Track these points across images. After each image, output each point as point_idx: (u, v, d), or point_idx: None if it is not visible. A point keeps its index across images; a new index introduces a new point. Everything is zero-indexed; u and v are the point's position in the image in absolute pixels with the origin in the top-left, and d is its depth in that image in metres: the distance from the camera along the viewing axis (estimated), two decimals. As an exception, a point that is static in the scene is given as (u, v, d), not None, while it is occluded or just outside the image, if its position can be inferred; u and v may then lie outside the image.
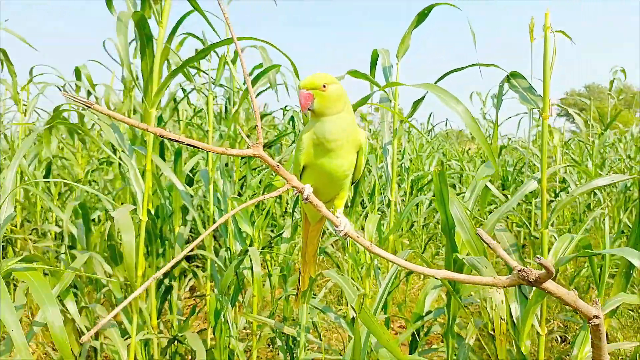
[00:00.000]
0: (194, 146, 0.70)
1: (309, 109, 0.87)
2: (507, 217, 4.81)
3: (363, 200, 4.43)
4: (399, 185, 4.60)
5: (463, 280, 0.82)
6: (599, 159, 5.44)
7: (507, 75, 1.76)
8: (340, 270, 2.42)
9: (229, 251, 2.13)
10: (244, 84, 2.57)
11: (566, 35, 1.81)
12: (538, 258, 0.73)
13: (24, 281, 1.19)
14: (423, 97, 2.41)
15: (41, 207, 3.28)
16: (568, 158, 5.58)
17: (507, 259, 0.82)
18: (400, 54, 2.48)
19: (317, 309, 1.96)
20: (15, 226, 3.23)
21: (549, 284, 0.79)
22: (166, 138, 0.67)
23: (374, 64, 2.63)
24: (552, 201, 4.07)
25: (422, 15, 2.42)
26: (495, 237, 1.82)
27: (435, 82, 2.26)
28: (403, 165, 4.86)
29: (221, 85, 2.70)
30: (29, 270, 1.23)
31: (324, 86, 0.86)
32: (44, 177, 3.50)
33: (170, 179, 2.20)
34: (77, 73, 3.58)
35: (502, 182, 5.02)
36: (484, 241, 0.84)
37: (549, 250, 1.58)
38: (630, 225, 3.49)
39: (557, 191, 4.53)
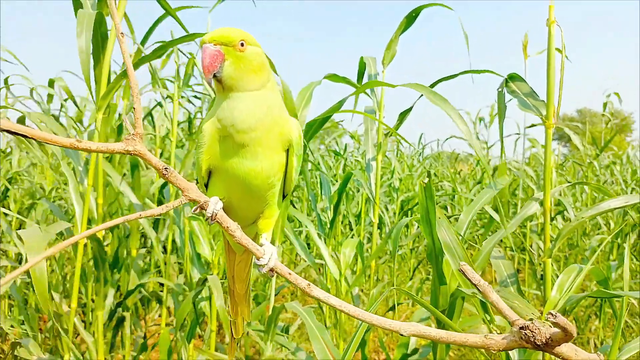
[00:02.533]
0: (31, 137, 0.45)
1: (214, 76, 0.59)
2: (501, 240, 4.57)
3: (350, 222, 4.17)
4: (386, 208, 4.34)
5: (439, 339, 0.57)
6: (595, 181, 5.24)
7: (506, 79, 1.53)
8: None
9: (186, 278, 1.87)
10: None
11: (560, 51, 1.60)
12: (553, 316, 0.48)
13: None
14: (410, 108, 2.18)
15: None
16: (563, 180, 5.36)
17: (503, 308, 0.57)
18: (386, 61, 2.26)
19: (287, 348, 1.69)
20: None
21: (565, 349, 0.54)
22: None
23: (361, 74, 2.41)
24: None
25: (410, 19, 2.21)
26: (490, 265, 1.57)
27: (435, 84, 2.04)
28: (392, 184, 4.62)
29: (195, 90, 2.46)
30: None
31: (242, 44, 0.59)
32: (2, 194, 3.25)
33: (125, 193, 1.95)
34: (50, 84, 3.36)
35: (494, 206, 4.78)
36: (470, 280, 0.59)
37: (552, 283, 1.33)
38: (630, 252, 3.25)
39: (552, 215, 4.30)
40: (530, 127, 5.13)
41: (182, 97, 2.37)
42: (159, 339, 1.84)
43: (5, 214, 3.07)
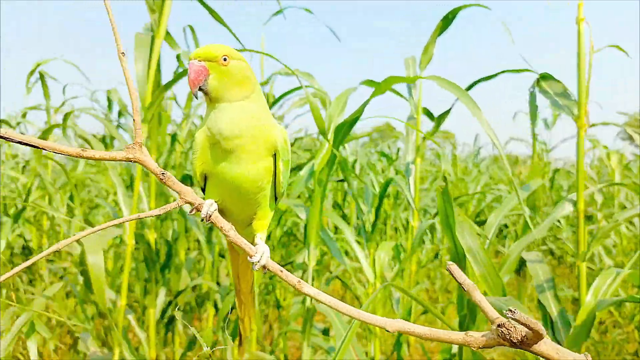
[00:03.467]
0: (32, 145, 0.52)
1: (200, 89, 0.64)
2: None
3: (397, 228, 4.14)
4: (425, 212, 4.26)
5: (422, 336, 0.59)
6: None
7: (537, 78, 1.50)
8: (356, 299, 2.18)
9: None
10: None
11: (621, 49, 1.54)
12: (512, 312, 0.49)
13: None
14: (448, 111, 2.17)
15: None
16: (630, 182, 5.05)
17: (486, 307, 0.58)
18: (423, 65, 2.26)
19: (323, 348, 1.73)
20: (40, 247, 3.22)
21: (545, 347, 0.54)
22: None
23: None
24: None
25: (447, 21, 2.20)
26: (525, 269, 1.54)
27: (469, 87, 2.03)
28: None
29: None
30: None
31: (225, 59, 0.64)
32: (69, 199, 3.50)
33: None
34: (109, 95, 3.60)
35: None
36: (455, 278, 0.61)
37: (588, 287, 1.28)
38: None
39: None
40: (591, 126, 4.88)
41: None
42: (202, 338, 1.93)
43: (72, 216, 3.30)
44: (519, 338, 0.53)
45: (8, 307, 1.37)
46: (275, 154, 0.68)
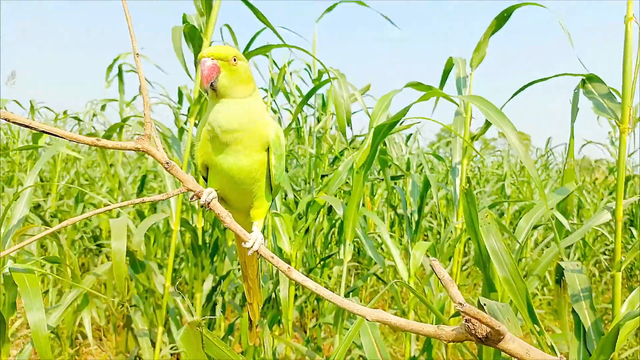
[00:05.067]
0: (51, 134, 0.60)
1: (211, 85, 0.69)
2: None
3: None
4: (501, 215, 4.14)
5: (397, 325, 0.61)
6: None
7: (583, 80, 1.44)
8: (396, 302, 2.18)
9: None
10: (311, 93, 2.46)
11: None
12: (462, 304, 0.50)
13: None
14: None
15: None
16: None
17: (455, 305, 0.59)
18: (474, 63, 2.22)
19: (357, 345, 1.76)
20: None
21: (514, 346, 0.55)
22: (13, 122, 0.58)
23: (446, 74, 2.38)
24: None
25: (502, 19, 2.14)
26: (563, 278, 1.49)
27: (514, 95, 1.98)
28: (504, 191, 4.40)
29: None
30: (27, 272, 1.23)
31: (234, 59, 0.70)
32: (139, 188, 3.74)
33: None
34: (179, 94, 3.81)
35: (630, 219, 4.29)
36: (436, 273, 0.63)
37: (623, 300, 1.23)
38: None
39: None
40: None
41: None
42: (241, 324, 2.02)
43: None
44: (484, 334, 0.54)
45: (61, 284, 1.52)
46: (268, 149, 0.73)
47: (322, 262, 2.32)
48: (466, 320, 0.56)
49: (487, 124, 2.13)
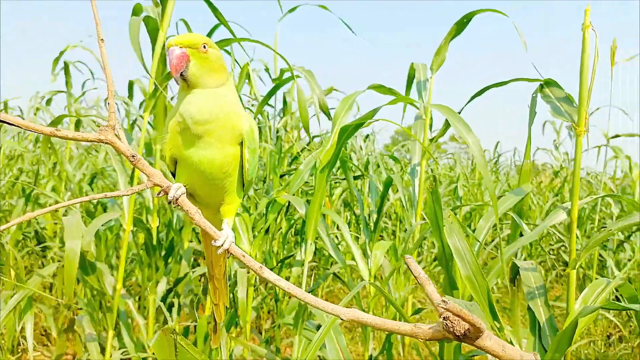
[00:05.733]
0: (3, 121, 0.55)
1: (181, 75, 0.66)
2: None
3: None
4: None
5: (373, 324, 0.60)
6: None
7: (541, 84, 1.49)
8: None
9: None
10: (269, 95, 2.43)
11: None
12: (445, 302, 0.50)
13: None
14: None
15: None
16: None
17: (436, 301, 0.59)
18: (435, 67, 2.26)
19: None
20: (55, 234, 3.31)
21: (490, 343, 0.55)
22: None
23: (410, 80, 2.42)
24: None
25: (461, 25, 2.19)
26: (518, 276, 1.53)
27: (472, 99, 2.03)
28: (456, 192, 4.51)
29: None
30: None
31: (204, 47, 0.66)
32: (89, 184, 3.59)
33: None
34: (130, 88, 3.67)
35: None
36: (412, 271, 0.62)
37: (577, 296, 1.28)
38: None
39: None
40: (614, 137, 4.80)
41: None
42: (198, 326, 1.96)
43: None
44: (462, 331, 0.54)
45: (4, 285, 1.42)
46: (242, 143, 0.70)
47: (280, 263, 2.29)
48: (444, 318, 0.56)
49: (445, 128, 2.17)
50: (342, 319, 0.63)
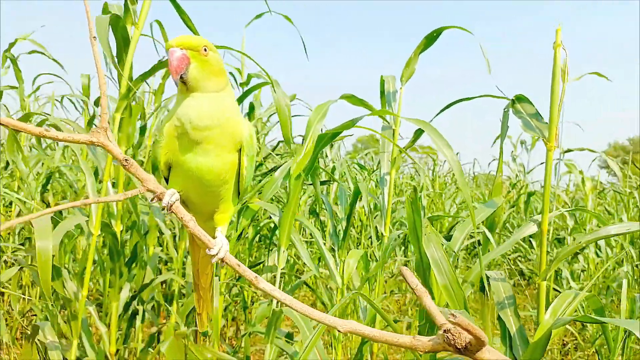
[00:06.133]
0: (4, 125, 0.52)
1: (180, 78, 0.64)
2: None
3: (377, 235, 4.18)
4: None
5: (372, 337, 0.60)
6: (636, 211, 5.06)
7: (512, 100, 1.54)
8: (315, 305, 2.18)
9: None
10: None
11: (601, 75, 1.59)
12: (454, 316, 0.50)
13: None
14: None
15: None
16: (602, 209, 5.20)
17: (435, 313, 0.59)
18: (404, 79, 2.29)
19: (285, 352, 1.72)
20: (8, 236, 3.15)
21: (488, 355, 0.56)
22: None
23: (383, 92, 2.45)
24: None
25: (431, 39, 2.24)
26: (489, 287, 1.56)
27: (441, 111, 2.07)
28: (420, 202, 4.60)
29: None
30: None
31: (205, 49, 0.65)
32: (43, 186, 3.44)
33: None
34: (85, 89, 3.54)
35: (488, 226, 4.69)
36: (408, 282, 0.62)
37: (547, 307, 1.31)
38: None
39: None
40: (567, 152, 4.98)
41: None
42: (164, 334, 1.91)
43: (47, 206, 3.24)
44: (463, 344, 0.54)
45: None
46: (240, 149, 0.68)
47: (255, 267, 2.26)
48: (444, 330, 0.56)
49: (415, 138, 2.21)
50: (339, 331, 0.62)
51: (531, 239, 4.76)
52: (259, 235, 3.10)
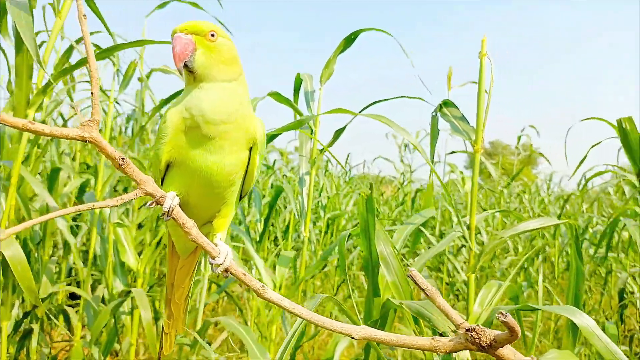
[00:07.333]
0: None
1: (185, 66, 0.57)
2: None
3: (276, 236, 4.17)
4: (314, 224, 4.39)
5: (389, 342, 0.58)
6: (505, 207, 5.65)
7: (440, 104, 1.62)
8: (242, 314, 2.11)
9: (107, 289, 1.76)
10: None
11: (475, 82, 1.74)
12: (503, 315, 0.51)
13: None
14: (344, 127, 2.24)
15: None
16: (477, 206, 5.74)
17: (450, 312, 0.59)
18: (323, 79, 2.31)
19: (210, 361, 1.63)
20: None
21: (506, 351, 0.57)
22: None
23: (297, 89, 2.44)
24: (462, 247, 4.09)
25: (349, 41, 2.28)
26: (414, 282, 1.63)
27: (360, 112, 2.11)
28: (320, 202, 4.67)
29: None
30: None
31: (212, 35, 0.58)
32: None
33: (42, 197, 1.82)
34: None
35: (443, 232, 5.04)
36: (419, 286, 0.61)
37: (475, 297, 1.41)
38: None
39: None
40: (450, 153, 5.40)
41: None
42: (69, 354, 1.72)
43: None
44: (488, 342, 0.55)
45: None
46: (252, 147, 0.62)
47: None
48: (467, 330, 0.56)
49: (334, 139, 2.23)
50: (354, 337, 0.60)
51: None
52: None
